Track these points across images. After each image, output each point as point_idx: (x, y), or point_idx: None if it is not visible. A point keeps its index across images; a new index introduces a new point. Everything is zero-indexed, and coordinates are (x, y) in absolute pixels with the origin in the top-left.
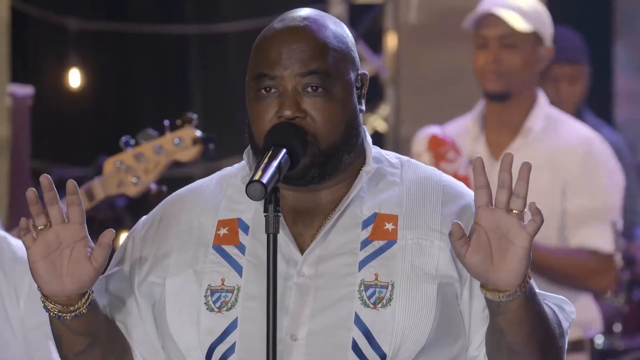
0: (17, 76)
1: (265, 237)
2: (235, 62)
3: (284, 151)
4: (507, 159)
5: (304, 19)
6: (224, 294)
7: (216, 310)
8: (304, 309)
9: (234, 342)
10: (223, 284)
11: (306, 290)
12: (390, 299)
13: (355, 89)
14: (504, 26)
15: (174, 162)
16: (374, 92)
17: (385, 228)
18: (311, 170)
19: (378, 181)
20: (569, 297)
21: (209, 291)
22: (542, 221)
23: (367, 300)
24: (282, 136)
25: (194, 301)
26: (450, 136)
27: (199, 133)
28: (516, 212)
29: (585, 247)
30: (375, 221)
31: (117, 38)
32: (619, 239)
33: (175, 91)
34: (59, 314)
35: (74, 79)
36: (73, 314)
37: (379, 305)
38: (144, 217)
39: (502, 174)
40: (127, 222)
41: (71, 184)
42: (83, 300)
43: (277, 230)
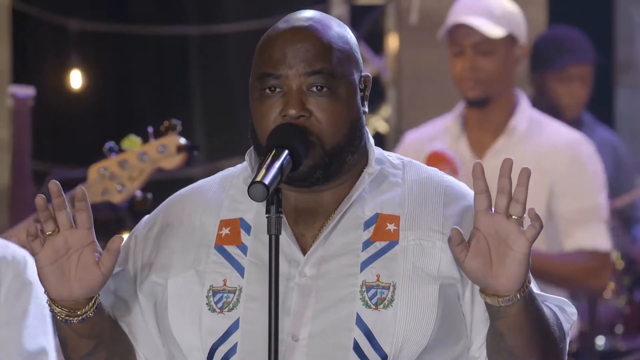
0: (18, 77)
1: (267, 238)
2: (236, 62)
3: (286, 152)
4: (507, 165)
5: (309, 20)
6: (225, 294)
7: (218, 310)
8: (305, 309)
9: (236, 343)
10: (225, 284)
11: (308, 291)
12: (391, 300)
13: (358, 91)
14: (478, 34)
15: (158, 170)
16: (375, 93)
17: (387, 229)
18: (316, 171)
19: (380, 182)
20: None
21: (210, 292)
22: (542, 227)
23: (368, 301)
24: (284, 137)
25: (195, 302)
26: (450, 154)
27: (183, 140)
28: (515, 218)
29: (585, 249)
30: (377, 222)
31: (117, 39)
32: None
33: (176, 92)
34: (66, 318)
35: (75, 79)
36: (80, 317)
37: (381, 306)
38: (146, 217)
39: (501, 180)
40: (128, 223)
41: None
42: (90, 305)
43: (279, 232)
